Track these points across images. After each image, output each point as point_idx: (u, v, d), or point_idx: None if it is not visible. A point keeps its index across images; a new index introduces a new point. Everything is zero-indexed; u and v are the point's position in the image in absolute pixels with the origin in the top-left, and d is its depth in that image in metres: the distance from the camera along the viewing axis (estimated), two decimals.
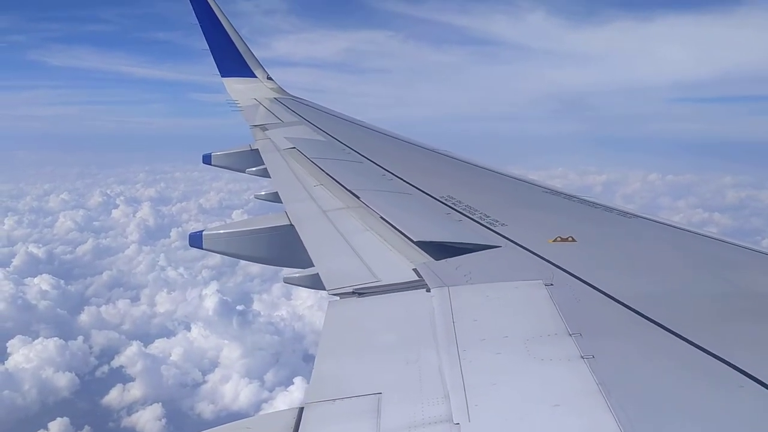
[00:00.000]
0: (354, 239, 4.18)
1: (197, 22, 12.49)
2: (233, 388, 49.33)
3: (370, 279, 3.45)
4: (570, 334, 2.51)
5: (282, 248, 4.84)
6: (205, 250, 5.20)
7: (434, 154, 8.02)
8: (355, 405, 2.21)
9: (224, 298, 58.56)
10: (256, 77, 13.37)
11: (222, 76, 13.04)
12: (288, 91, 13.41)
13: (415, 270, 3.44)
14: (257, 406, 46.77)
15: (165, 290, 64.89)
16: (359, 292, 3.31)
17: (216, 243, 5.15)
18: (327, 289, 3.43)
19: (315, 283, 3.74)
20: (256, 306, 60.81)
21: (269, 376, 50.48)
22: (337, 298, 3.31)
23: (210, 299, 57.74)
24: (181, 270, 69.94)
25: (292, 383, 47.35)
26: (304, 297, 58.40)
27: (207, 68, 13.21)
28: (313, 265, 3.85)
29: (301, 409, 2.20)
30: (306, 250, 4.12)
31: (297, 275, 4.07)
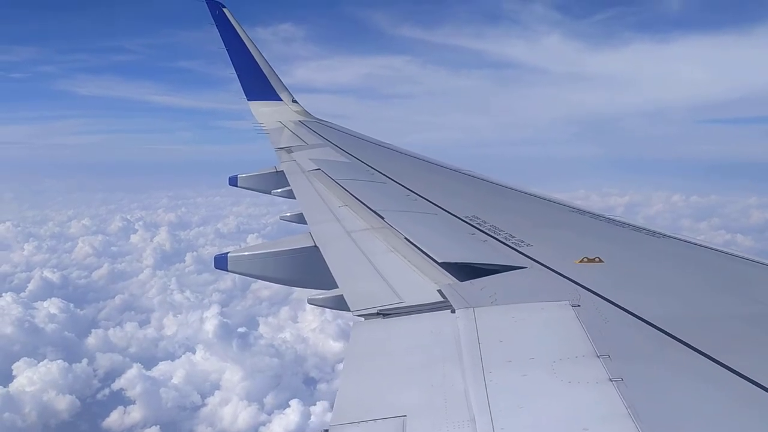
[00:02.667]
0: (378, 260, 4.18)
1: (222, 47, 12.69)
2: (232, 411, 49.14)
3: (394, 300, 3.45)
4: (598, 356, 2.49)
5: (306, 269, 4.84)
6: (230, 272, 5.21)
7: (458, 174, 7.93)
8: (380, 427, 2.20)
9: (225, 320, 58.73)
10: (281, 100, 13.47)
11: (248, 100, 13.17)
12: (312, 114, 13.51)
13: (439, 291, 3.44)
14: (255, 430, 46.34)
15: (171, 313, 65.04)
16: (384, 314, 3.31)
17: (241, 265, 5.18)
18: (351, 310, 3.43)
19: (339, 304, 3.73)
20: (262, 329, 60.81)
21: (269, 399, 50.34)
22: (362, 319, 3.31)
23: (210, 322, 57.84)
24: (187, 293, 70.03)
25: (289, 406, 46.99)
26: (310, 320, 58.34)
27: (231, 95, 13.47)
28: (338, 287, 3.87)
29: None
30: (330, 271, 4.13)
31: (321, 296, 4.06)
